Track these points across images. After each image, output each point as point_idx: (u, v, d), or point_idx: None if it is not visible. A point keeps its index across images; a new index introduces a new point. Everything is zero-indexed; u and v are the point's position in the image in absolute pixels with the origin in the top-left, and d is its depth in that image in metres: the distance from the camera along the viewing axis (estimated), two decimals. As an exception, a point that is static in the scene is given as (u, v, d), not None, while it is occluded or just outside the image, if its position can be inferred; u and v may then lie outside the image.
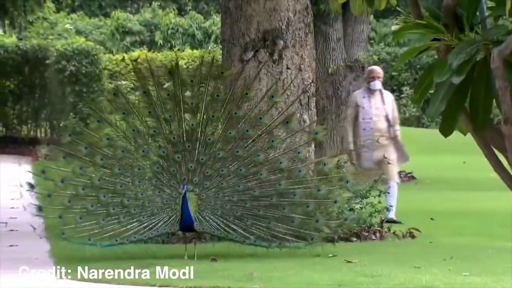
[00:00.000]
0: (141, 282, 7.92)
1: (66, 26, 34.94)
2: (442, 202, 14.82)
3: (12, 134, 25.34)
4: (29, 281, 8.18)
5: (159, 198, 9.62)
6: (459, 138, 9.95)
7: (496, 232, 11.60)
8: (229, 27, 11.19)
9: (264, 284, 7.66)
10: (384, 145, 12.12)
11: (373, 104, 12.17)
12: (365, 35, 20.61)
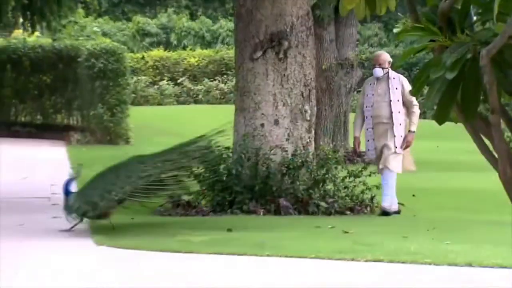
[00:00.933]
0: (168, 249, 7.95)
1: (94, 28, 34.90)
2: (422, 181, 14.84)
3: (48, 121, 25.36)
4: (71, 248, 8.23)
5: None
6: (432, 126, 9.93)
7: (470, 206, 11.66)
8: (241, 30, 11.22)
9: (274, 251, 7.70)
10: (384, 132, 10.72)
11: (376, 91, 10.87)
12: (354, 37, 20.66)
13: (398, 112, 10.68)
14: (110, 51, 22.79)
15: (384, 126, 10.69)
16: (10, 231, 9.07)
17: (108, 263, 7.45)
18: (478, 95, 3.85)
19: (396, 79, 10.80)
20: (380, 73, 10.88)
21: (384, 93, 10.71)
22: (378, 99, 10.71)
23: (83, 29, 34.62)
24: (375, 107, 10.70)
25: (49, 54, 24.80)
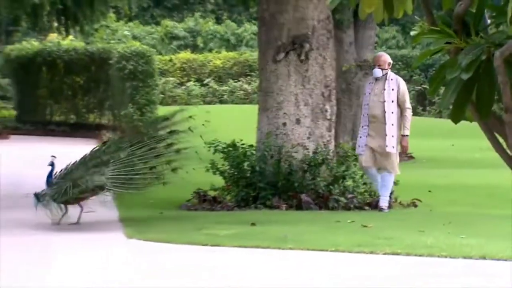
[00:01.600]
0: (195, 242, 7.95)
1: (124, 32, 35.01)
2: (437, 178, 14.78)
3: (81, 121, 25.49)
4: (103, 241, 8.26)
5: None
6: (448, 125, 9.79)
7: (484, 202, 11.58)
8: (265, 33, 11.21)
9: (296, 244, 7.69)
10: (379, 132, 10.35)
11: (373, 91, 10.47)
12: (372, 40, 20.62)
13: (392, 113, 10.36)
14: (140, 54, 22.84)
15: (378, 125, 10.38)
16: (43, 225, 9.11)
17: (138, 255, 7.47)
18: (492, 95, 3.82)
19: (393, 80, 10.52)
20: (379, 73, 10.51)
21: (380, 93, 10.43)
22: (374, 99, 10.40)
23: (114, 33, 34.74)
24: (371, 106, 10.41)
25: (82, 56, 24.91)
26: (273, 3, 11.08)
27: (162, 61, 31.99)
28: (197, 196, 11.05)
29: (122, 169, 9.52)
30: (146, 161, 9.75)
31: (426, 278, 6.34)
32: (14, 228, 9.01)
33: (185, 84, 32.38)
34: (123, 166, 9.54)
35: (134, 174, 9.62)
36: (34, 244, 8.05)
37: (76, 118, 25.54)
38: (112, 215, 9.94)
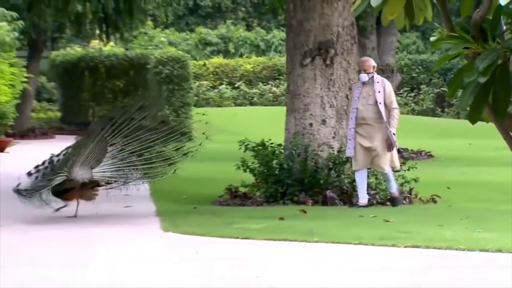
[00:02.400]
0: (227, 235, 7.96)
1: (161, 39, 35.12)
2: (455, 175, 14.70)
3: (120, 122, 25.59)
4: (140, 234, 8.28)
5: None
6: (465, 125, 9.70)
7: (499, 198, 11.48)
8: (292, 39, 11.19)
9: (321, 238, 7.67)
10: (370, 133, 10.12)
11: (361, 94, 10.20)
12: (394, 45, 20.58)
13: (381, 114, 10.13)
14: (175, 59, 22.93)
15: (368, 128, 10.13)
16: (86, 219, 9.16)
17: (173, 247, 7.48)
18: (507, 97, 3.79)
19: (379, 83, 10.27)
20: (366, 78, 10.24)
21: (369, 95, 10.18)
22: (363, 102, 10.16)
23: (151, 39, 34.86)
24: (361, 109, 10.15)
25: (122, 61, 25.08)
26: (300, 11, 11.06)
27: (196, 66, 32.07)
28: (229, 192, 11.06)
29: (119, 163, 9.47)
30: (141, 152, 9.67)
31: (444, 270, 6.30)
32: (59, 222, 9.06)
33: (217, 87, 32.45)
34: (119, 160, 9.51)
35: (132, 165, 9.56)
36: (77, 236, 8.09)
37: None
38: (149, 209, 9.97)
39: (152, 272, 6.31)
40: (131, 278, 6.09)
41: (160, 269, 6.43)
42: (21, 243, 7.72)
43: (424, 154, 19.24)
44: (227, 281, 5.98)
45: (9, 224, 8.75)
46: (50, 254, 7.14)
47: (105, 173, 9.48)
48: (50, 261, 6.75)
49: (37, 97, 28.85)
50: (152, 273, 6.27)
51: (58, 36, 31.49)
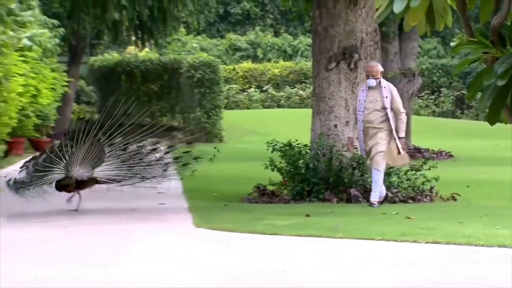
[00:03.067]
0: (256, 231, 7.95)
1: (193, 45, 35.23)
2: (475, 174, 14.60)
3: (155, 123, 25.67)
4: (174, 229, 8.30)
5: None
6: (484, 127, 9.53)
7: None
8: (318, 45, 11.17)
9: (346, 234, 7.64)
10: (374, 136, 9.93)
11: (368, 98, 9.96)
12: (415, 50, 20.46)
13: (388, 118, 9.93)
14: (206, 64, 23.00)
15: (373, 130, 9.95)
16: (122, 215, 9.20)
17: (205, 242, 7.49)
18: (525, 100, 3.76)
19: (386, 88, 10.02)
20: (373, 83, 10.00)
21: (376, 100, 9.95)
22: (369, 106, 9.95)
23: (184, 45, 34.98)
24: (366, 113, 9.95)
25: (156, 66, 25.16)
26: (326, 18, 11.04)
27: (227, 70, 32.12)
28: (257, 190, 11.07)
29: (121, 164, 9.68)
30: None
31: (464, 265, 6.26)
32: (96, 218, 9.12)
33: (246, 90, 32.48)
34: (121, 161, 9.75)
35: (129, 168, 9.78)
36: (113, 232, 8.13)
37: (151, 121, 25.75)
38: (181, 206, 10.00)
39: (184, 266, 6.32)
40: (164, 271, 6.11)
41: (192, 263, 6.45)
42: (60, 238, 7.77)
43: (444, 154, 19.14)
44: (255, 274, 5.98)
45: (49, 220, 8.81)
46: (89, 248, 7.17)
47: (108, 172, 9.67)
48: (88, 255, 6.79)
49: (76, 100, 29.05)
50: (185, 267, 6.28)
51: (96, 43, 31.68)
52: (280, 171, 10.91)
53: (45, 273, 5.96)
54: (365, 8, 10.98)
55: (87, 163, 9.52)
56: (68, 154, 9.57)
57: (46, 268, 6.16)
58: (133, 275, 5.97)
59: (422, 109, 32.48)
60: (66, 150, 9.60)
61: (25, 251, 6.96)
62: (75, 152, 9.55)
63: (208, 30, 38.66)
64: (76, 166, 9.53)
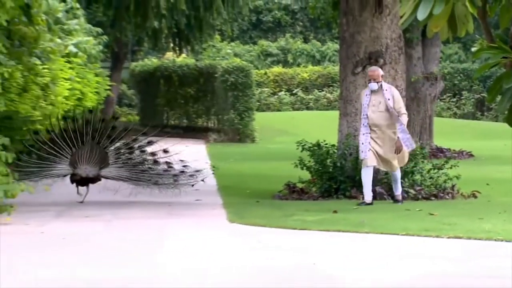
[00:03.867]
0: (286, 226, 7.95)
1: (227, 51, 35.29)
2: (494, 173, 14.44)
3: (191, 124, 25.79)
4: (209, 225, 8.31)
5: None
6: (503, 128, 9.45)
7: (535, 194, 11.25)
8: (345, 50, 11.12)
9: (372, 229, 7.61)
10: (384, 139, 9.70)
11: (371, 102, 9.70)
12: (438, 55, 20.28)
13: (392, 120, 9.69)
14: (240, 68, 23.00)
15: (380, 133, 9.69)
16: (160, 211, 9.24)
17: (238, 237, 7.50)
18: (543, 102, 3.72)
19: (388, 90, 9.75)
20: (375, 86, 9.74)
21: (379, 103, 9.70)
22: (373, 109, 9.70)
23: (219, 51, 35.05)
24: (372, 116, 9.70)
25: (192, 71, 25.22)
26: (352, 25, 10.99)
27: (258, 74, 32.11)
28: (288, 187, 11.06)
29: (123, 168, 10.05)
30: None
31: (484, 259, 6.20)
32: (137, 213, 9.17)
33: (277, 93, 32.46)
34: (123, 165, 10.08)
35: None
36: (153, 226, 8.17)
37: (187, 122, 25.86)
38: (216, 202, 10.02)
39: (219, 258, 6.34)
40: (200, 263, 6.13)
41: (226, 256, 6.46)
42: (104, 231, 7.84)
43: (465, 154, 18.97)
44: (286, 267, 5.98)
45: (94, 214, 8.89)
46: (130, 241, 7.22)
47: (113, 173, 10.01)
48: (129, 248, 6.84)
49: (118, 103, 29.26)
50: (219, 259, 6.29)
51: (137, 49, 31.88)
52: (309, 169, 10.89)
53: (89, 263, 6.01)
54: (390, 15, 10.92)
55: (94, 163, 9.80)
56: (72, 152, 9.81)
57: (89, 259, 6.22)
58: (169, 267, 5.99)
59: (444, 111, 32.23)
60: (71, 146, 9.87)
61: (72, 244, 7.02)
62: (80, 151, 9.84)
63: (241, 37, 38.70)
64: (84, 164, 9.87)
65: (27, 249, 6.73)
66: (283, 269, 5.91)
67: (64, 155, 9.93)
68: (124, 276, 5.57)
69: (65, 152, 9.94)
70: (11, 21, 9.97)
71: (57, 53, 13.01)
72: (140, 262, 6.15)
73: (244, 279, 5.54)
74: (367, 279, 5.55)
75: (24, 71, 11.73)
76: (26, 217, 8.44)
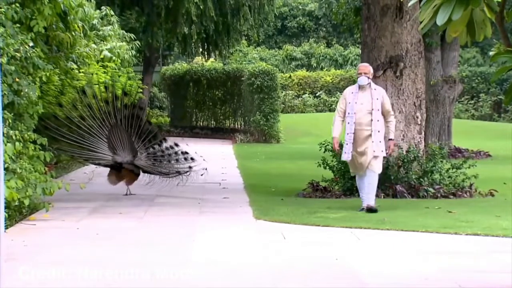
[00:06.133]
0: (310, 223, 7.93)
1: (253, 55, 35.31)
2: (511, 172, 14.29)
3: (219, 126, 25.83)
4: (236, 222, 8.32)
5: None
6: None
7: (551, 193, 11.11)
8: (366, 54, 11.09)
9: (392, 226, 7.58)
10: (365, 138, 8.83)
11: (359, 99, 8.87)
12: (456, 59, 20.13)
13: (377, 121, 8.84)
14: (265, 72, 23.00)
15: (365, 133, 8.83)
16: (189, 208, 9.27)
17: (264, 233, 7.51)
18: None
19: (377, 90, 8.99)
20: (365, 81, 8.90)
21: (367, 102, 8.86)
22: (360, 108, 8.85)
23: (245, 55, 35.09)
24: (358, 115, 8.83)
25: (220, 74, 25.28)
26: (374, 30, 10.96)
27: (283, 78, 32.10)
28: (311, 186, 11.04)
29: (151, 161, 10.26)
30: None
31: (502, 255, 6.15)
32: (168, 210, 9.21)
33: (301, 96, 32.43)
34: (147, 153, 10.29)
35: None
36: (183, 222, 8.21)
37: (215, 124, 25.92)
38: (243, 200, 10.02)
39: (245, 253, 6.35)
40: (228, 257, 6.15)
41: (253, 251, 6.47)
42: (136, 227, 7.88)
43: (483, 154, 18.81)
44: (310, 262, 5.97)
45: (127, 211, 8.95)
46: (161, 236, 7.26)
47: (143, 162, 10.22)
48: (160, 243, 6.87)
49: (150, 105, 29.41)
50: (246, 254, 6.31)
51: (167, 54, 32.02)
52: (332, 169, 10.86)
53: (123, 258, 6.05)
54: (410, 21, 10.87)
55: (128, 150, 10.00)
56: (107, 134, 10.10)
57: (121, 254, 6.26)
58: (199, 260, 6.02)
59: (462, 113, 32.01)
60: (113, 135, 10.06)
61: (105, 239, 7.08)
62: (114, 135, 10.02)
63: (267, 42, 38.72)
64: (121, 151, 10.16)
65: (64, 244, 6.80)
66: (307, 263, 5.91)
67: (102, 134, 10.10)
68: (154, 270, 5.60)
69: (102, 131, 10.12)
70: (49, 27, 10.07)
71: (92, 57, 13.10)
72: (172, 256, 6.18)
73: (270, 273, 5.55)
74: (387, 273, 5.53)
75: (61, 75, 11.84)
76: (62, 213, 8.52)
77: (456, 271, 5.58)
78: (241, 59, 34.45)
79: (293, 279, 5.39)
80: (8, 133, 7.77)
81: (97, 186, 11.06)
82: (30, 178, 8.00)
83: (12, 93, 8.36)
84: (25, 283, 5.19)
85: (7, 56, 8.20)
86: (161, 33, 22.97)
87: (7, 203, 7.29)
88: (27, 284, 5.19)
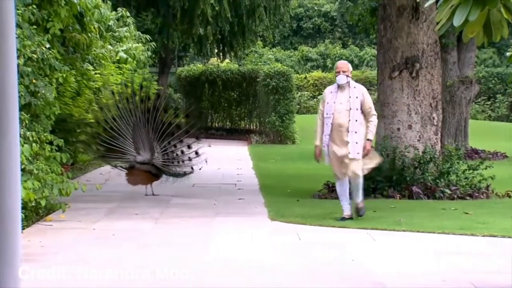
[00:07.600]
0: (325, 224, 7.94)
1: (269, 56, 35.32)
2: (528, 174, 14.19)
3: (235, 126, 25.84)
4: (252, 222, 8.30)
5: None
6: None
7: None
8: (382, 55, 11.08)
9: (408, 227, 7.56)
10: (344, 140, 8.19)
11: (338, 99, 8.24)
12: (473, 60, 20.05)
13: (356, 121, 8.20)
14: (281, 73, 22.99)
15: (344, 134, 8.20)
16: (205, 209, 9.29)
17: (279, 234, 7.51)
18: None
19: (357, 88, 8.36)
20: (344, 80, 8.29)
21: (345, 101, 8.25)
22: (339, 108, 8.23)
23: (261, 57, 35.10)
24: (336, 116, 8.22)
25: (235, 75, 25.31)
26: (390, 31, 10.94)
27: (299, 79, 32.09)
28: (327, 187, 11.03)
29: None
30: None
31: (518, 257, 6.11)
32: (185, 212, 9.23)
33: (316, 97, 32.38)
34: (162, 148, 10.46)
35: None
36: (199, 223, 8.22)
37: (231, 124, 25.94)
38: (258, 201, 10.02)
39: (261, 253, 6.35)
40: (244, 257, 6.16)
41: (268, 251, 6.48)
42: (152, 228, 7.91)
43: (499, 155, 18.71)
44: (325, 263, 5.97)
45: (143, 212, 8.98)
46: (177, 237, 7.27)
47: (159, 160, 10.31)
48: (177, 243, 6.89)
49: (165, 106, 29.48)
50: (262, 254, 6.31)
51: (183, 55, 32.11)
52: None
53: (140, 258, 6.07)
54: (426, 21, 10.84)
55: (147, 148, 10.10)
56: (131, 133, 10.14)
57: (137, 254, 6.28)
58: (215, 260, 6.03)
59: (478, 114, 31.86)
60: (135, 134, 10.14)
61: (121, 239, 7.10)
62: (137, 134, 10.10)
63: (283, 43, 38.71)
64: (142, 150, 10.30)
65: (80, 244, 6.83)
66: (322, 264, 5.90)
67: (128, 136, 10.21)
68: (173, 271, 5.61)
69: (128, 133, 10.22)
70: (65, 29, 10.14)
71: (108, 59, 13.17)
72: (189, 257, 6.19)
73: (286, 273, 5.55)
74: (403, 274, 5.51)
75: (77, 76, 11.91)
76: (79, 214, 8.56)
77: (472, 272, 5.56)
78: (257, 60, 34.46)
79: (308, 279, 5.38)
80: (25, 134, 7.83)
81: (113, 186, 11.10)
82: (46, 179, 8.04)
83: (29, 95, 8.42)
84: (41, 283, 5.23)
85: (24, 58, 8.27)
86: (177, 34, 23.04)
87: (23, 203, 7.34)
88: (44, 284, 5.22)
